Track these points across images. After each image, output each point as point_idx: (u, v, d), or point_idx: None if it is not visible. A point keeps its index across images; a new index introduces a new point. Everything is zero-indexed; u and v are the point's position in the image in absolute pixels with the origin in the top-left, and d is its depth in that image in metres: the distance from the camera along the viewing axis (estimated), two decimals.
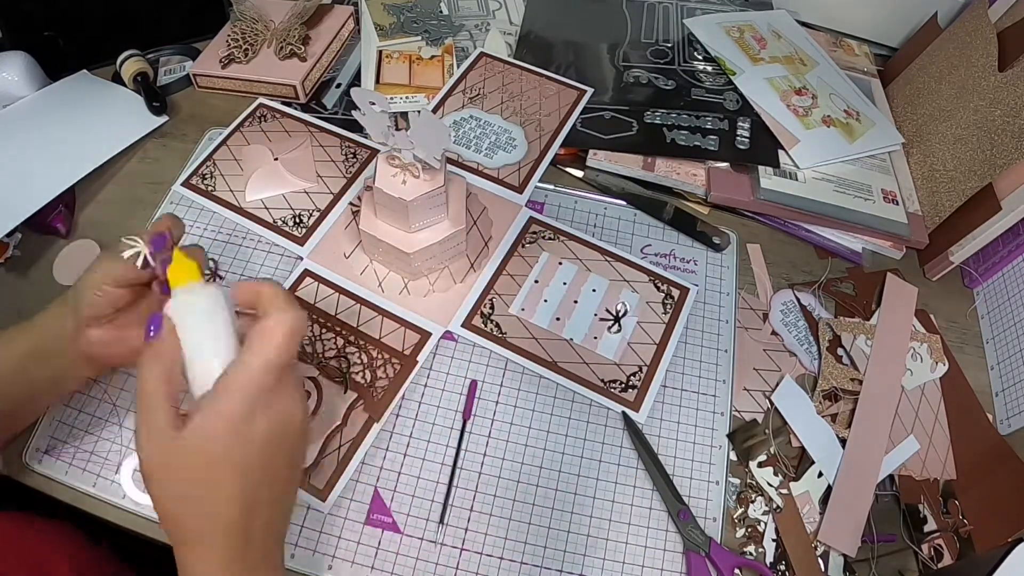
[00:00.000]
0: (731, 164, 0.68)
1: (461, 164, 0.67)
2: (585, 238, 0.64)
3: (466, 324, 0.58)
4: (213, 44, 0.75)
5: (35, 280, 0.60)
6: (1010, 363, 0.59)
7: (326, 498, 0.50)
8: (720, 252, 0.64)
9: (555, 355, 0.57)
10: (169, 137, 0.70)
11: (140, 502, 0.50)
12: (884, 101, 0.77)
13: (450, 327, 0.57)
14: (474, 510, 0.51)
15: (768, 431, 0.55)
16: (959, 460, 0.55)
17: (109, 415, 0.53)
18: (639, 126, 0.70)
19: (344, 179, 0.66)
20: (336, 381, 0.54)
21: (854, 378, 0.58)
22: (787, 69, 0.75)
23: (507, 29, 0.81)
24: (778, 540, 0.51)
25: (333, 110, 0.73)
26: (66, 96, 0.70)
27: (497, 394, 0.55)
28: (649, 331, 0.59)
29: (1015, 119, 0.59)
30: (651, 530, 0.51)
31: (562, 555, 0.49)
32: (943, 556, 0.51)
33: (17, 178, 0.63)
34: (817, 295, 0.63)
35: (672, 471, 0.53)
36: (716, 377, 0.57)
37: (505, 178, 0.66)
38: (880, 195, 0.67)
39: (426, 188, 0.53)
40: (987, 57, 0.64)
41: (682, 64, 0.76)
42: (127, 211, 0.64)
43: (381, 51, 0.76)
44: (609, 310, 0.59)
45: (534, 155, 0.68)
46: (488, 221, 0.64)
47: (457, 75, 0.74)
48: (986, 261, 0.63)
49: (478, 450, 0.53)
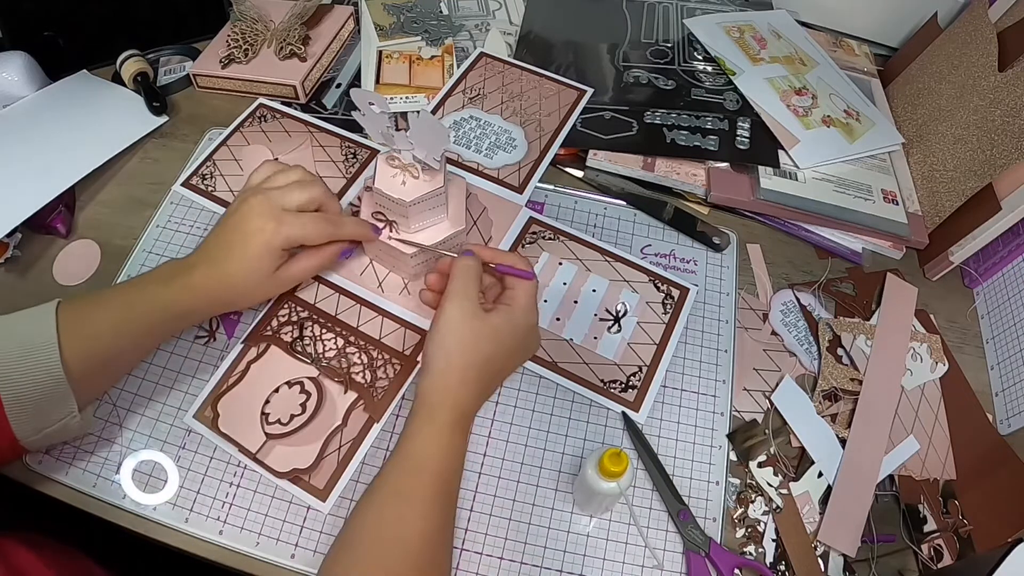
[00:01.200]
0: (731, 164, 0.68)
1: (461, 164, 0.67)
2: (585, 238, 0.64)
3: None
4: (213, 44, 0.75)
5: (35, 280, 0.60)
6: (1010, 363, 0.59)
7: (326, 498, 0.50)
8: (720, 252, 0.64)
9: (555, 355, 0.57)
10: (169, 137, 0.70)
11: (140, 502, 0.50)
12: (884, 101, 0.77)
13: None
14: (474, 510, 0.51)
15: (768, 431, 0.55)
16: (959, 460, 0.55)
17: (109, 415, 0.53)
18: (639, 126, 0.70)
19: (344, 179, 0.66)
20: (336, 381, 0.54)
21: (854, 378, 0.58)
22: (787, 69, 0.75)
23: (507, 29, 0.81)
24: (778, 540, 0.51)
25: (333, 110, 0.73)
26: (66, 96, 0.70)
27: (497, 394, 0.55)
28: (649, 331, 0.59)
29: (1015, 119, 0.59)
30: (651, 530, 0.51)
31: (562, 555, 0.49)
32: (943, 556, 0.51)
33: (17, 178, 0.63)
34: (817, 295, 0.63)
35: (672, 471, 0.53)
36: (716, 377, 0.57)
37: (505, 178, 0.66)
38: (880, 195, 0.67)
39: (426, 189, 0.53)
40: (987, 57, 0.64)
41: (682, 64, 0.76)
42: (127, 211, 0.64)
43: (381, 51, 0.76)
44: (609, 310, 0.59)
45: (534, 155, 0.68)
46: (488, 221, 0.64)
47: (457, 75, 0.74)
48: (986, 261, 0.63)
49: (478, 450, 0.53)
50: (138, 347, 0.51)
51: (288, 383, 0.53)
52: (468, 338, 0.47)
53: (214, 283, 0.50)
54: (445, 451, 0.46)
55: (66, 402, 0.44)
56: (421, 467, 0.45)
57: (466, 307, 0.47)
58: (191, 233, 0.63)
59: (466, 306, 0.47)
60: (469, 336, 0.47)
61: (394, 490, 0.44)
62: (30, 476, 0.51)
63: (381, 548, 0.42)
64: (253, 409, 0.52)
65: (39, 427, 0.44)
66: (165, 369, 0.55)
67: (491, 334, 0.47)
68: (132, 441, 0.52)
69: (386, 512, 0.43)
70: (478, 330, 0.47)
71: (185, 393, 0.54)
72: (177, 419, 0.53)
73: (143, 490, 0.50)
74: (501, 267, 0.51)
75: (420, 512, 0.43)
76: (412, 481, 0.44)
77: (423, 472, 0.44)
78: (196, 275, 0.50)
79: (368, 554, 0.42)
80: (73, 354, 0.44)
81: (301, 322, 0.57)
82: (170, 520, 0.49)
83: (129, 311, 0.48)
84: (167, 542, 0.49)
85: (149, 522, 0.49)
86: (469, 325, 0.47)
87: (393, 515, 0.43)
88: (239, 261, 0.50)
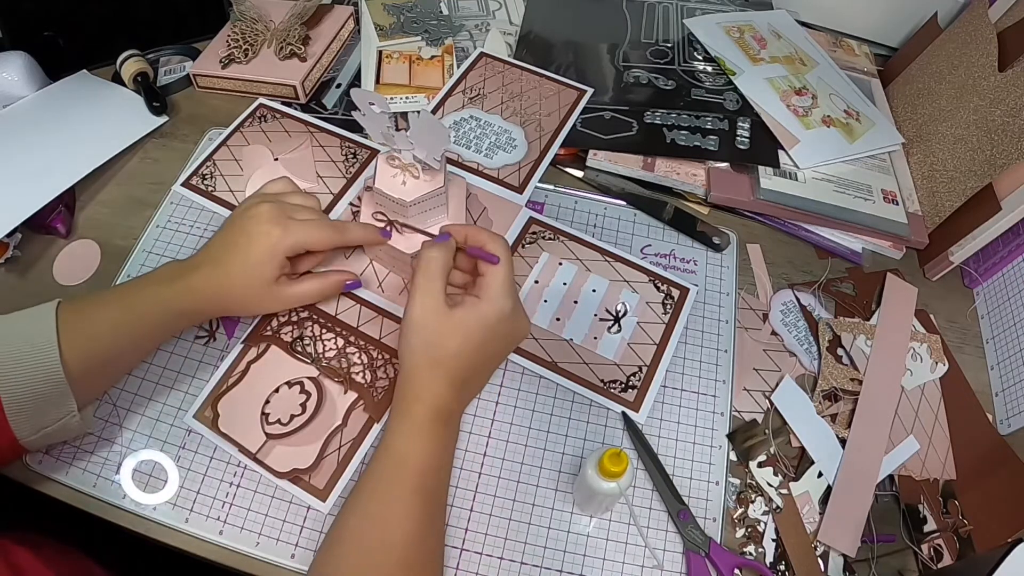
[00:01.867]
0: (731, 164, 0.68)
1: (461, 164, 0.67)
2: (585, 238, 0.64)
3: None
4: (213, 44, 0.75)
5: (35, 280, 0.60)
6: (1010, 363, 0.59)
7: (326, 498, 0.50)
8: (720, 252, 0.64)
9: (555, 355, 0.57)
10: (169, 137, 0.70)
11: (140, 502, 0.50)
12: (884, 101, 0.77)
13: None
14: (474, 510, 0.51)
15: (768, 431, 0.55)
16: (959, 460, 0.55)
17: (109, 415, 0.53)
18: (639, 126, 0.70)
19: (344, 179, 0.66)
20: (336, 381, 0.54)
21: (854, 378, 0.58)
22: (787, 69, 0.75)
23: (507, 29, 0.81)
24: (778, 540, 0.51)
25: (333, 110, 0.73)
26: (66, 96, 0.70)
27: (497, 394, 0.55)
28: (649, 331, 0.59)
29: (1015, 119, 0.59)
30: (651, 530, 0.51)
31: (562, 555, 0.49)
32: (943, 556, 0.51)
33: (17, 178, 0.63)
34: (817, 295, 0.63)
35: (672, 471, 0.53)
36: (716, 377, 0.57)
37: (505, 178, 0.66)
38: (880, 195, 0.67)
39: (426, 189, 0.53)
40: (987, 57, 0.64)
41: (682, 64, 0.76)
42: (127, 211, 0.64)
43: (381, 51, 0.76)
44: (609, 310, 0.59)
45: (534, 155, 0.68)
46: (488, 221, 0.63)
47: (457, 75, 0.74)
48: (986, 261, 0.63)
49: (478, 450, 0.53)
50: (138, 348, 0.51)
51: (288, 383, 0.53)
52: (432, 335, 0.47)
53: (214, 285, 0.50)
54: (424, 448, 0.46)
55: (65, 402, 0.44)
56: (400, 464, 0.45)
57: (428, 303, 0.47)
58: (191, 233, 0.63)
59: (428, 302, 0.47)
60: (433, 333, 0.47)
61: (376, 489, 0.44)
62: (30, 476, 0.51)
63: (366, 547, 0.42)
64: (253, 409, 0.52)
65: (38, 427, 0.44)
66: (165, 369, 0.55)
67: (456, 329, 0.47)
68: (132, 441, 0.52)
69: (370, 510, 0.44)
70: (442, 326, 0.47)
71: (185, 393, 0.54)
72: (177, 419, 0.53)
73: (143, 490, 0.50)
74: (472, 250, 0.50)
75: (402, 511, 0.43)
76: (392, 479, 0.44)
77: (403, 469, 0.45)
78: (197, 277, 0.50)
79: (353, 554, 0.42)
80: (73, 354, 0.44)
81: (301, 322, 0.57)
82: (170, 520, 0.49)
83: (129, 312, 0.48)
84: (167, 542, 0.49)
85: (149, 522, 0.49)
86: (433, 321, 0.47)
87: (376, 513, 0.43)
88: (241, 264, 0.50)
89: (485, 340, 0.48)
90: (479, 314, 0.48)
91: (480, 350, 0.49)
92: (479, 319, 0.48)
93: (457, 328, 0.47)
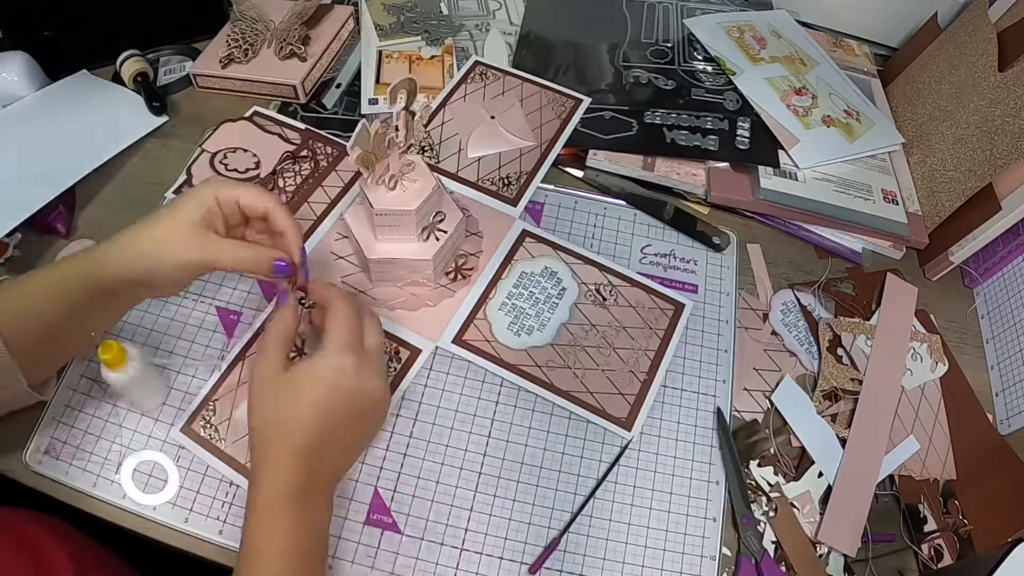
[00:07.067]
0: (731, 164, 0.68)
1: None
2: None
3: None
4: (213, 44, 0.75)
5: None
6: (1010, 363, 0.59)
7: None
8: (720, 252, 0.64)
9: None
10: (169, 137, 0.70)
11: (140, 502, 0.50)
12: (884, 101, 0.77)
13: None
14: (474, 510, 0.51)
15: (768, 431, 0.55)
16: (959, 460, 0.55)
17: (109, 415, 0.53)
18: (639, 126, 0.70)
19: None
20: None
21: (854, 378, 0.58)
22: (787, 69, 0.75)
23: (507, 29, 0.81)
24: (778, 541, 0.51)
25: (333, 110, 0.73)
26: (66, 96, 0.70)
27: (497, 394, 0.55)
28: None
29: (1015, 119, 0.59)
30: (651, 530, 0.51)
31: (562, 555, 0.49)
32: (943, 556, 0.51)
33: (17, 178, 0.62)
34: (817, 295, 0.63)
35: (672, 471, 0.53)
36: (716, 377, 0.57)
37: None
38: (880, 195, 0.67)
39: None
40: (987, 57, 0.64)
41: (682, 64, 0.76)
42: (127, 211, 0.64)
43: (381, 51, 0.76)
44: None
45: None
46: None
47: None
48: (986, 261, 0.63)
49: (478, 450, 0.53)
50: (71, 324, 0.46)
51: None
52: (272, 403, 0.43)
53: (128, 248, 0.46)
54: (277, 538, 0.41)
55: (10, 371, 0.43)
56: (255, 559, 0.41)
57: (264, 371, 0.44)
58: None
59: (264, 370, 0.44)
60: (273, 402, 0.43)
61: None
62: (30, 476, 0.51)
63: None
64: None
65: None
66: (165, 370, 0.55)
67: (295, 390, 0.43)
68: (132, 441, 0.52)
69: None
70: (279, 391, 0.43)
71: (185, 393, 0.54)
72: (177, 419, 0.53)
73: (143, 490, 0.50)
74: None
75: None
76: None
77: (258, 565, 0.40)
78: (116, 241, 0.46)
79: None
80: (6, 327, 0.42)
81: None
82: (170, 520, 0.49)
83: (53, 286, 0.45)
84: (167, 542, 0.49)
85: (149, 522, 0.49)
86: (270, 388, 0.44)
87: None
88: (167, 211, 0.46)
89: (329, 399, 0.43)
90: (313, 370, 0.44)
91: (324, 413, 0.43)
92: (314, 375, 0.43)
93: (296, 390, 0.43)
